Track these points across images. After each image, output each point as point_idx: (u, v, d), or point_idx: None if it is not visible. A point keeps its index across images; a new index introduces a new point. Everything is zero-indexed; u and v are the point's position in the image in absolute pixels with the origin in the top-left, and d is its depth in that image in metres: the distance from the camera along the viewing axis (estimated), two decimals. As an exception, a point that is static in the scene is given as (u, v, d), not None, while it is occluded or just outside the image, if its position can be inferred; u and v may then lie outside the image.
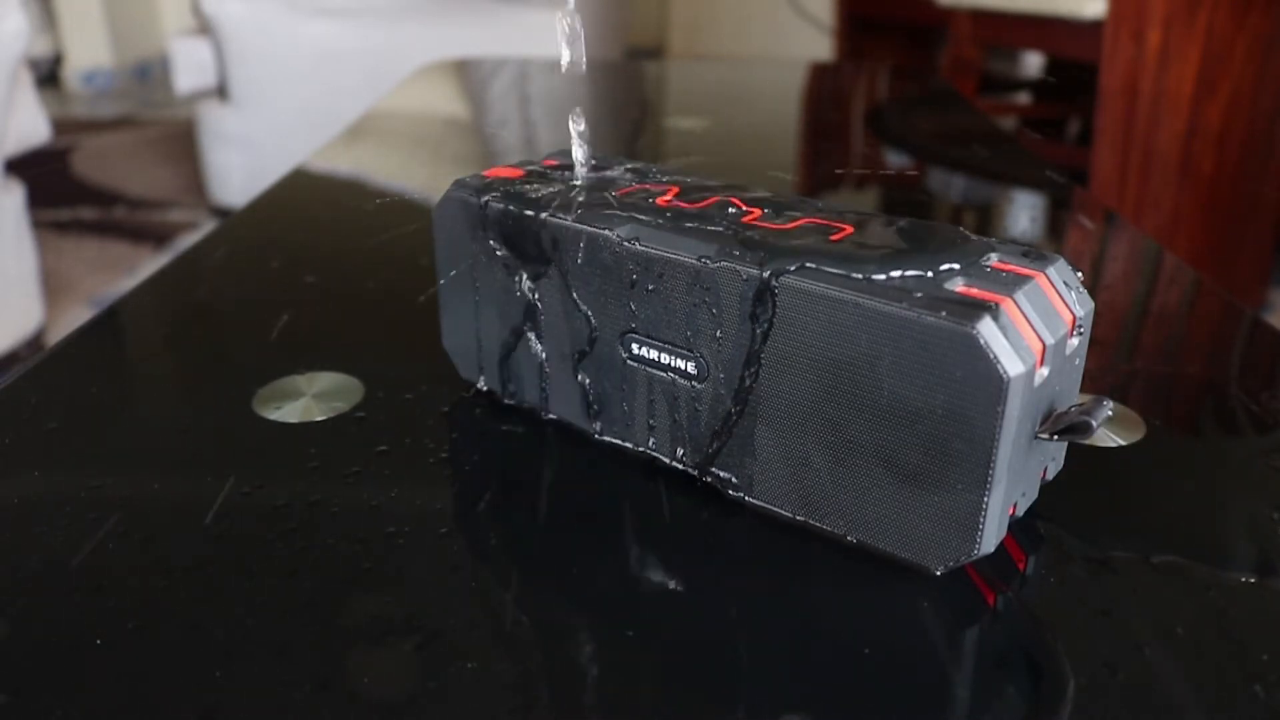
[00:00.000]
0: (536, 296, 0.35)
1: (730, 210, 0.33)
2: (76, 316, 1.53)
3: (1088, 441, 0.36)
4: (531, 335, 0.36)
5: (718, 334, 0.31)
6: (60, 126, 2.32)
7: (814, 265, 0.29)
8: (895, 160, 0.90)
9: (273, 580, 0.29)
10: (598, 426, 0.36)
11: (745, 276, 0.30)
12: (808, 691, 0.25)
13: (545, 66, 1.27)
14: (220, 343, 0.47)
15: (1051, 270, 0.29)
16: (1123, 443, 0.37)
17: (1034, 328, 0.27)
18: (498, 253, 0.36)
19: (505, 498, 0.34)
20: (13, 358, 1.30)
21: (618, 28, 2.48)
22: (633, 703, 0.25)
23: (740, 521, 0.32)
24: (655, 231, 0.32)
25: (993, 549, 0.28)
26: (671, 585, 0.29)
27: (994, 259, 0.29)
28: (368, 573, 0.30)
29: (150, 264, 1.75)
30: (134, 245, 1.83)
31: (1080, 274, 0.30)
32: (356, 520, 0.32)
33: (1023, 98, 2.32)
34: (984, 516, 0.27)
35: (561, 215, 0.34)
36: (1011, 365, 0.26)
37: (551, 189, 0.36)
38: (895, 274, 0.28)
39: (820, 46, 2.86)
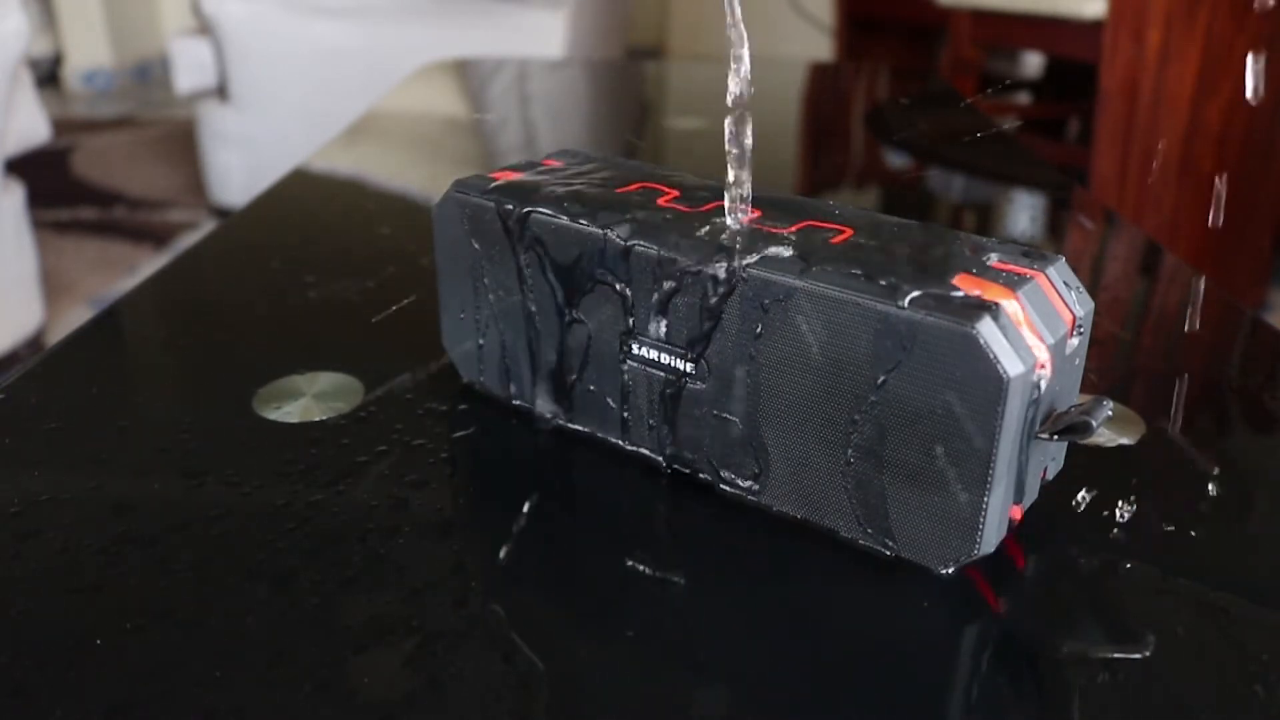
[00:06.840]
0: (536, 296, 0.35)
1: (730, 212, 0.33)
2: (76, 316, 1.53)
3: (1088, 441, 0.36)
4: (531, 335, 0.36)
5: (718, 334, 0.31)
6: (60, 126, 2.32)
7: (815, 267, 0.29)
8: (895, 160, 0.90)
9: (273, 580, 0.29)
10: (597, 426, 0.36)
11: (746, 277, 0.30)
12: (808, 691, 0.25)
13: (545, 66, 1.27)
14: (220, 343, 0.47)
15: (1051, 270, 0.29)
16: (1123, 443, 0.37)
17: (1034, 328, 0.27)
18: (497, 253, 0.36)
19: (505, 498, 0.34)
20: (13, 358, 1.30)
21: (618, 28, 2.48)
22: (632, 703, 0.25)
23: (740, 521, 0.32)
24: (655, 232, 0.32)
25: (993, 549, 0.28)
26: (671, 585, 0.29)
27: (994, 259, 0.29)
28: (368, 573, 0.30)
29: (150, 264, 1.75)
30: (134, 245, 1.83)
31: (1084, 287, 0.30)
32: (356, 520, 0.32)
33: (1022, 98, 2.31)
34: (984, 516, 0.27)
35: (561, 216, 0.34)
36: (1011, 365, 0.26)
37: (551, 189, 0.36)
38: (895, 274, 0.28)
39: (820, 46, 2.85)
